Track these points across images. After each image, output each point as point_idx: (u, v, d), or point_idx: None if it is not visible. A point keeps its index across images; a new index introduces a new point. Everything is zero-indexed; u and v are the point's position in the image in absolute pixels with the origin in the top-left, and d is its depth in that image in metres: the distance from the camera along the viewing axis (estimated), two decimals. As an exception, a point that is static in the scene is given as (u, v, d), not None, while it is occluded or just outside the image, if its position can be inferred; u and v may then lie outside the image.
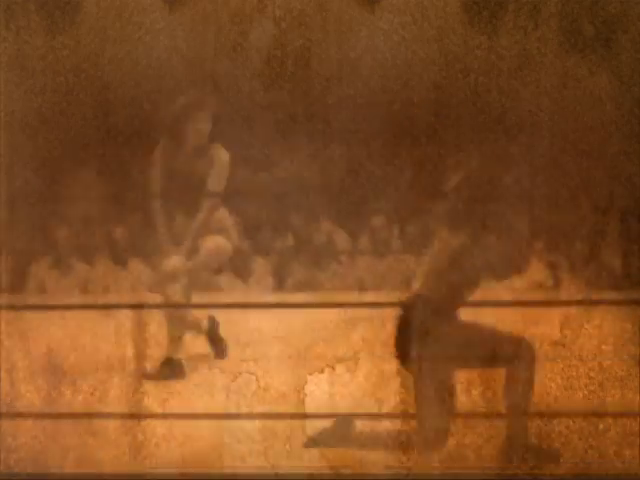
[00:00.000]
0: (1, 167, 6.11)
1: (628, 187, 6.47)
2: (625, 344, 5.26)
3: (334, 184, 6.81)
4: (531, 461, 4.37)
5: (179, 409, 4.90)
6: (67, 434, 4.60)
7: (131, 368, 5.01)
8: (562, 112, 6.56)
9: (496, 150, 4.97)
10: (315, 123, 6.70)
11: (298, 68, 6.74)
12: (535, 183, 6.16)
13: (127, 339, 5.06)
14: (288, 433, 4.57)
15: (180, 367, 5.40)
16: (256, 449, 4.54)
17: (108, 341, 5.25)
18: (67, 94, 6.52)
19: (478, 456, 4.47)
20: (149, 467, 4.53)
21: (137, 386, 4.89)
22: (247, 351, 5.56)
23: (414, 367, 4.36)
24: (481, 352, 4.34)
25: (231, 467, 4.49)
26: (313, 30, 6.74)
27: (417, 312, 4.35)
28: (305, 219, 6.83)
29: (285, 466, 4.47)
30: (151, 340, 5.13)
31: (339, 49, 6.74)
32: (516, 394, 4.34)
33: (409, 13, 6.64)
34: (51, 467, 4.54)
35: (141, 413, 4.75)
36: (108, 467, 4.51)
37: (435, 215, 4.63)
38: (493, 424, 4.50)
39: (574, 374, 4.96)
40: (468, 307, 4.42)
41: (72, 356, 5.22)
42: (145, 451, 4.59)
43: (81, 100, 6.55)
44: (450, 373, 4.39)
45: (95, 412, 4.77)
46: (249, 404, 4.85)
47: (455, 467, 4.42)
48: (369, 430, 4.55)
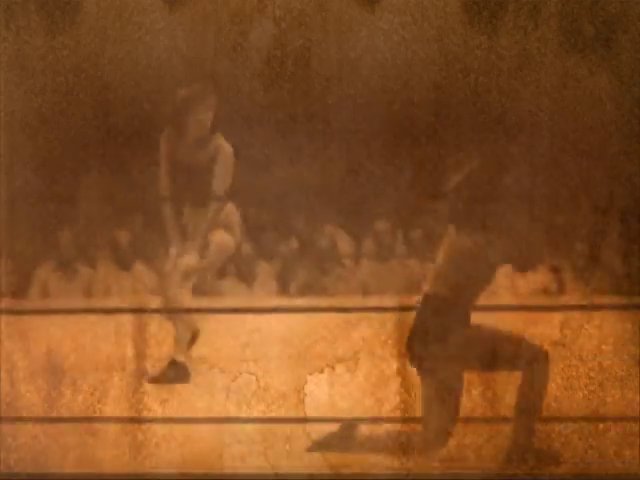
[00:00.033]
0: (1, 167, 6.11)
1: (628, 187, 6.47)
2: (625, 344, 5.25)
3: (334, 184, 6.80)
4: (531, 461, 4.36)
5: (179, 409, 4.90)
6: (67, 434, 4.60)
7: (131, 368, 5.01)
8: (562, 112, 6.56)
9: (496, 150, 4.97)
10: (315, 123, 6.70)
11: (298, 68, 6.74)
12: (535, 183, 6.16)
13: (127, 339, 5.06)
14: (288, 434, 4.57)
15: (185, 370, 5.37)
16: (256, 449, 4.54)
17: (108, 341, 5.25)
18: (67, 94, 6.52)
19: (478, 456, 4.47)
20: (149, 467, 4.53)
21: (137, 386, 4.89)
22: (247, 351, 5.56)
23: (424, 369, 4.35)
24: (498, 355, 4.33)
25: (231, 467, 4.50)
26: (313, 30, 6.73)
27: (427, 314, 4.33)
28: (306, 220, 6.82)
29: (285, 466, 4.47)
30: (151, 340, 5.13)
31: (339, 49, 6.74)
32: (530, 397, 4.33)
33: (409, 13, 6.64)
34: (51, 467, 4.54)
35: (141, 417, 4.75)
36: (108, 467, 4.51)
37: (440, 215, 4.63)
38: (493, 424, 4.50)
39: (574, 374, 4.95)
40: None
41: (72, 356, 5.22)
42: (145, 451, 4.59)
43: (81, 100, 6.54)
44: (460, 376, 4.38)
45: (96, 416, 4.77)
46: (249, 404, 4.85)
47: (455, 467, 4.42)
48: (370, 432, 4.54)
